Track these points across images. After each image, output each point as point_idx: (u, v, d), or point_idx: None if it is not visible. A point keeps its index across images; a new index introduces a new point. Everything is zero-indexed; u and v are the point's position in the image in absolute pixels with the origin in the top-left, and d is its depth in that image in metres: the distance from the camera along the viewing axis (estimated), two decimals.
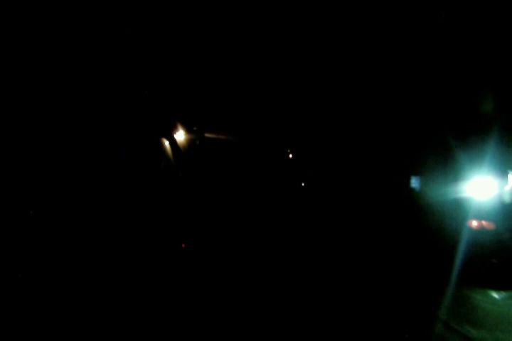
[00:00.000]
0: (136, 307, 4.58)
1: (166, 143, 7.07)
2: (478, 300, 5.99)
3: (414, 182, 10.16)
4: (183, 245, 6.45)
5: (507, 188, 7.66)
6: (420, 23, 9.35)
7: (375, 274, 6.92)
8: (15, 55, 5.25)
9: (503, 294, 6.23)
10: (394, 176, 10.93)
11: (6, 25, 5.27)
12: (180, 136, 8.99)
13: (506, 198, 7.55)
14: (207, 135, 10.51)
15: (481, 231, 7.08)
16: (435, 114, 9.57)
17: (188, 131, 9.54)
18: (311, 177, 13.70)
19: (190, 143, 9.82)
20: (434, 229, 7.82)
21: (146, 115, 6.71)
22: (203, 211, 7.90)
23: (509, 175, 7.88)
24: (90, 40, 6.23)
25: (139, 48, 7.87)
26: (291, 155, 13.64)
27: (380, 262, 7.59)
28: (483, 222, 7.10)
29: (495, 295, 6.24)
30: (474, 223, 7.18)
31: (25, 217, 4.51)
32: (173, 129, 8.64)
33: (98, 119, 5.53)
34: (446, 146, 9.04)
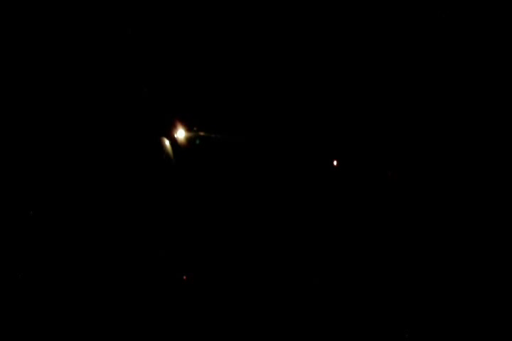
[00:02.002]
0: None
1: (166, 142, 7.04)
2: None
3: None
4: (185, 277, 4.96)
5: None
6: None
7: None
8: (14, 54, 5.29)
9: None
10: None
11: (5, 25, 5.32)
12: (180, 135, 8.94)
13: None
14: (211, 135, 10.40)
15: None
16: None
17: (188, 130, 9.48)
18: (370, 192, 10.42)
19: (191, 143, 9.75)
20: None
21: (145, 114, 6.69)
22: (211, 226, 6.29)
23: None
24: (90, 38, 6.28)
25: (138, 47, 7.92)
26: (335, 163, 11.49)
27: None
28: None
29: None
30: None
31: (25, 217, 4.53)
32: (173, 128, 8.62)
33: (97, 118, 5.55)
34: None
